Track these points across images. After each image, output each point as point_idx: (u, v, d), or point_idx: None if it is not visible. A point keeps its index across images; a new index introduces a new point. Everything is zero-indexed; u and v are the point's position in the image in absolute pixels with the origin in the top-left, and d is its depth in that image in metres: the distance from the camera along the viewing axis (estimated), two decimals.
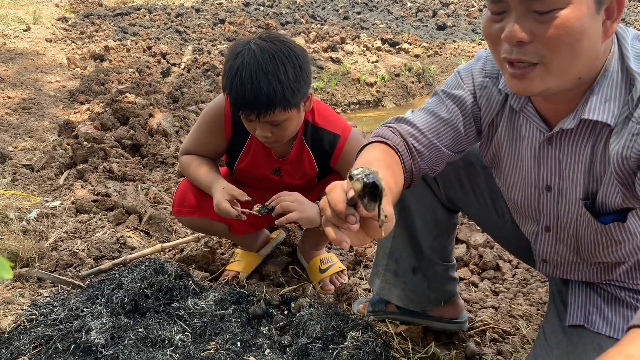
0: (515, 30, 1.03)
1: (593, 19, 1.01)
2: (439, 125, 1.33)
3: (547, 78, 1.06)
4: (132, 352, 1.61)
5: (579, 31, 1.00)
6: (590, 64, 1.07)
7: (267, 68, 1.66)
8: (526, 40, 1.03)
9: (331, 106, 5.81)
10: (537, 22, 1.02)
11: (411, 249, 1.62)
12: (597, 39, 1.04)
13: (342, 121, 2.02)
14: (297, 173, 2.02)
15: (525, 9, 1.02)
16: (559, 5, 0.99)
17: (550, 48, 1.03)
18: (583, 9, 0.99)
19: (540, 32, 1.02)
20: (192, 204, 2.05)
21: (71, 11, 9.79)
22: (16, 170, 3.32)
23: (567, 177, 1.24)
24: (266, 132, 1.78)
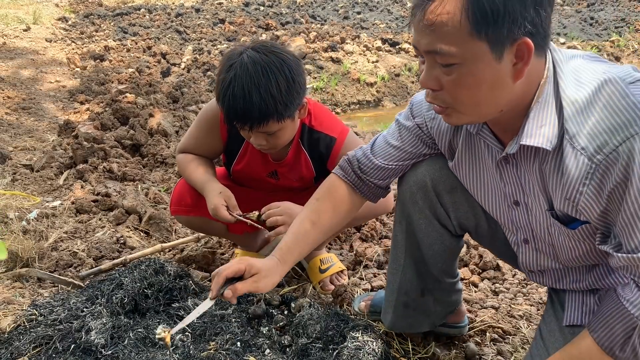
0: (425, 79, 1.15)
1: (493, 69, 1.08)
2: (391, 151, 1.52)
3: (461, 116, 1.18)
4: (132, 352, 1.61)
5: (476, 83, 1.09)
6: (505, 102, 1.14)
7: (259, 82, 1.66)
8: (435, 89, 1.15)
9: (331, 106, 5.81)
10: (443, 72, 1.12)
11: (419, 277, 1.65)
12: (504, 83, 1.10)
13: (339, 124, 2.02)
14: (293, 176, 2.02)
15: (432, 59, 1.12)
16: (456, 61, 1.08)
17: (452, 97, 1.14)
18: (479, 64, 1.07)
19: (444, 82, 1.13)
20: (190, 203, 2.05)
21: (71, 11, 9.79)
22: (16, 170, 3.32)
23: (529, 192, 1.28)
24: (261, 140, 1.79)
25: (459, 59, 1.07)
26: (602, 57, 1.21)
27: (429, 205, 1.54)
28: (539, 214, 1.30)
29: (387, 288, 1.73)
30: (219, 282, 1.38)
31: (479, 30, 1.04)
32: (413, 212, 1.56)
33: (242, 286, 1.39)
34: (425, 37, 1.09)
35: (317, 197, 1.58)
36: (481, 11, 1.02)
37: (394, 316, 1.71)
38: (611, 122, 1.06)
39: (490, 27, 1.03)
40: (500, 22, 1.03)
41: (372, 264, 2.34)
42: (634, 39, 7.65)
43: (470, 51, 1.06)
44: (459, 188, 1.49)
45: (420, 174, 1.52)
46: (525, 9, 1.03)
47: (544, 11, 1.06)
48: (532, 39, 1.06)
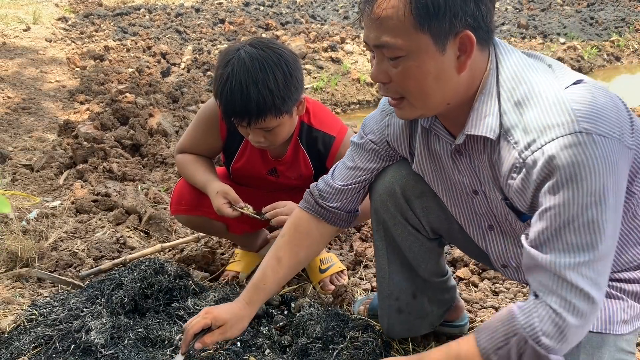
0: (375, 73, 1.22)
1: (436, 61, 1.14)
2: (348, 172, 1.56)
3: (413, 109, 1.23)
4: (132, 352, 1.61)
5: (421, 75, 1.15)
6: (451, 93, 1.19)
7: (257, 77, 1.66)
8: (385, 82, 1.21)
9: (331, 106, 5.81)
10: (391, 65, 1.18)
11: (408, 281, 1.66)
12: (448, 75, 1.16)
13: (338, 122, 2.02)
14: (292, 173, 2.02)
15: (380, 53, 1.18)
16: (402, 53, 1.14)
17: (402, 88, 1.20)
18: (423, 56, 1.13)
19: (392, 75, 1.19)
20: (190, 202, 2.05)
21: (71, 11, 9.78)
22: (16, 170, 3.32)
23: (484, 181, 1.31)
24: (259, 137, 1.80)
25: (404, 52, 1.13)
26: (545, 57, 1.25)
27: (400, 212, 1.56)
28: (497, 202, 1.32)
29: (379, 296, 1.73)
30: (187, 339, 1.47)
31: (422, 23, 1.10)
32: (387, 218, 1.58)
33: (210, 338, 1.48)
34: (373, 32, 1.15)
35: (282, 234, 1.61)
36: (423, 5, 1.08)
37: (390, 323, 1.71)
38: (543, 122, 1.10)
39: (433, 21, 1.09)
40: (441, 16, 1.09)
41: (372, 264, 2.34)
42: (634, 39, 7.64)
43: (415, 44, 1.12)
44: (427, 193, 1.51)
45: (389, 182, 1.54)
46: (465, 3, 1.09)
47: (484, 6, 1.12)
48: (474, 33, 1.12)
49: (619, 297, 1.31)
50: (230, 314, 1.50)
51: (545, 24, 8.39)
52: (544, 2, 10.02)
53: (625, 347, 1.30)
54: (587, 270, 1.08)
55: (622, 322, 1.28)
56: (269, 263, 1.56)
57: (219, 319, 1.48)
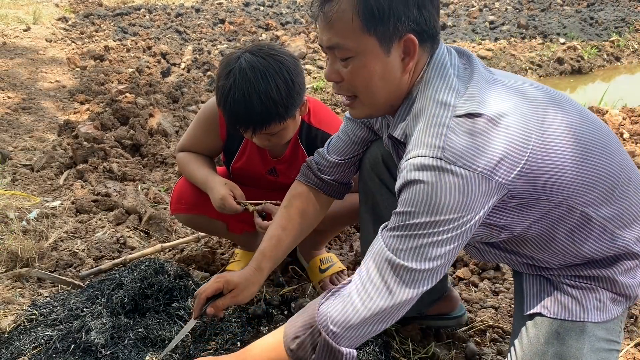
0: (327, 73, 1.30)
1: (382, 62, 1.23)
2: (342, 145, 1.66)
3: (363, 108, 1.34)
4: (132, 352, 1.61)
5: (369, 75, 1.24)
6: (396, 94, 1.29)
7: (259, 87, 1.67)
8: (337, 80, 1.30)
9: (331, 106, 5.81)
10: (342, 65, 1.27)
11: None
12: (393, 75, 1.25)
13: (337, 121, 2.03)
14: (292, 172, 2.03)
15: (333, 55, 1.27)
16: (351, 54, 1.23)
17: (352, 87, 1.29)
18: (370, 57, 1.22)
19: (344, 74, 1.27)
20: (190, 201, 2.06)
21: (71, 11, 9.79)
22: (16, 170, 3.32)
23: None
24: (264, 141, 1.82)
25: (353, 52, 1.22)
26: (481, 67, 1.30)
27: (384, 180, 1.63)
28: None
29: None
30: (200, 302, 1.53)
31: (368, 27, 1.19)
32: (373, 188, 1.66)
33: (222, 302, 1.54)
34: (326, 34, 1.24)
35: (285, 205, 1.70)
36: (369, 10, 1.17)
37: None
38: (420, 139, 1.19)
39: (378, 24, 1.18)
40: (386, 20, 1.18)
41: None
42: (634, 39, 7.64)
43: (362, 45, 1.21)
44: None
45: (374, 151, 1.64)
46: (408, 9, 1.18)
47: (427, 11, 1.20)
48: (417, 36, 1.20)
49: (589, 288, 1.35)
50: (242, 279, 1.56)
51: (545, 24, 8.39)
52: (544, 2, 10.01)
53: (606, 336, 1.33)
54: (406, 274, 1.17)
55: (596, 309, 1.33)
56: (274, 232, 1.64)
57: (231, 283, 1.54)
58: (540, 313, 1.38)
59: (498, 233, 1.32)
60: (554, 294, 1.38)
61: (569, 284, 1.37)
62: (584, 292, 1.35)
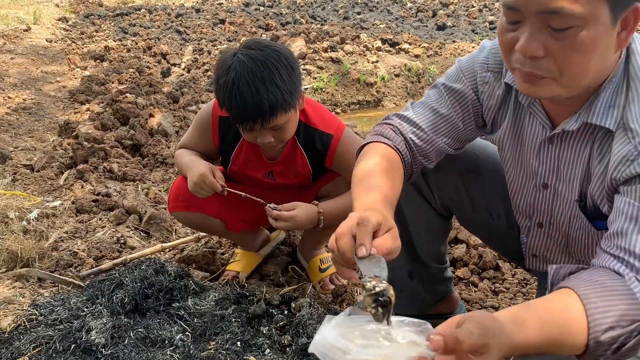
0: (529, 45, 1.03)
1: (607, 34, 1.01)
2: (438, 121, 1.35)
3: (555, 88, 1.07)
4: (132, 352, 1.61)
5: (592, 49, 1.01)
6: (601, 74, 1.08)
7: (263, 75, 1.67)
8: (540, 56, 1.03)
9: (331, 106, 5.81)
10: (552, 37, 1.01)
11: (407, 255, 1.63)
12: (610, 51, 1.04)
13: (335, 120, 2.02)
14: (290, 173, 2.02)
15: (541, 22, 1.01)
16: (576, 23, 0.98)
17: (562, 65, 1.03)
18: (599, 27, 0.99)
19: (554, 48, 1.02)
20: (187, 198, 2.05)
21: (71, 11, 9.79)
22: (16, 170, 3.32)
23: (564, 177, 1.25)
24: (268, 138, 1.79)
25: (580, 21, 0.98)
26: None
27: (414, 182, 1.51)
28: (565, 202, 1.26)
29: None
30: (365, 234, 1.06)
31: None
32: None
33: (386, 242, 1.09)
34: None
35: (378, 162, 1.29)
36: None
37: None
38: None
39: None
40: None
41: None
42: None
43: (594, 12, 0.98)
44: (443, 169, 1.48)
45: None
46: None
47: None
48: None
49: None
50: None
51: None
52: None
53: None
54: None
55: None
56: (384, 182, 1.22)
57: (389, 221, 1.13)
58: None
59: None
60: None
61: None
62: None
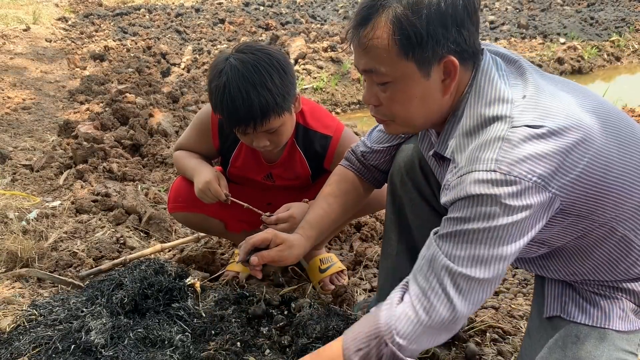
0: (366, 96, 1.29)
1: (422, 85, 1.19)
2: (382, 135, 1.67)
3: (399, 128, 1.33)
4: (132, 352, 1.61)
5: (407, 99, 1.22)
6: (435, 115, 1.26)
7: (254, 79, 1.66)
8: (375, 104, 1.28)
9: (331, 106, 5.81)
10: (379, 89, 1.24)
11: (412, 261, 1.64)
12: (433, 97, 1.22)
13: (334, 121, 2.02)
14: (289, 175, 2.02)
15: (369, 78, 1.24)
16: (389, 79, 1.20)
17: (390, 111, 1.27)
18: (409, 82, 1.19)
19: (382, 98, 1.25)
20: (187, 198, 2.05)
21: (71, 11, 9.79)
22: (16, 170, 3.32)
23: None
24: (264, 141, 1.78)
25: (391, 78, 1.19)
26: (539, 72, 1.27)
27: (417, 186, 1.58)
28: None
29: (381, 275, 1.73)
30: (247, 248, 1.48)
31: (406, 52, 1.15)
32: (403, 192, 1.61)
33: (268, 254, 1.48)
34: (362, 58, 1.21)
35: (329, 183, 1.69)
36: (406, 36, 1.13)
37: None
38: (475, 153, 1.15)
39: (416, 50, 1.14)
40: (424, 45, 1.14)
41: (372, 264, 2.34)
42: (634, 39, 7.64)
43: (400, 71, 1.17)
44: None
45: (410, 154, 1.59)
46: (447, 31, 1.13)
47: (466, 30, 1.15)
48: (457, 57, 1.17)
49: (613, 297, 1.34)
50: (289, 237, 1.54)
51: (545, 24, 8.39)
52: (544, 2, 10.01)
53: (625, 347, 1.31)
54: (463, 282, 1.13)
55: (618, 317, 1.31)
56: (321, 205, 1.62)
57: (279, 237, 1.51)
58: (560, 316, 1.36)
59: (537, 249, 1.31)
60: (576, 299, 1.37)
61: (593, 291, 1.36)
62: (607, 300, 1.33)
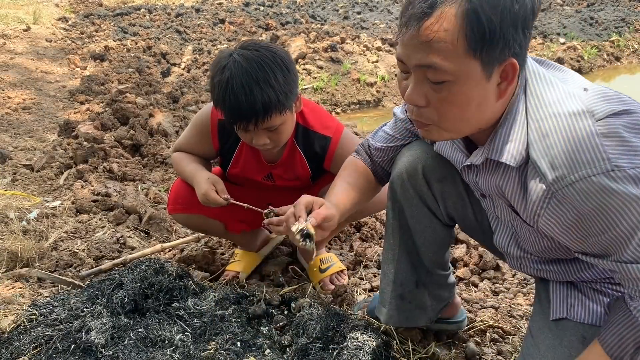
0: (412, 94, 1.16)
1: (482, 88, 1.11)
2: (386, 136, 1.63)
3: (443, 133, 1.21)
4: (132, 352, 1.61)
5: (466, 102, 1.12)
6: (485, 120, 1.17)
7: (257, 76, 1.67)
8: (422, 105, 1.16)
9: (331, 106, 5.81)
10: (431, 89, 1.13)
11: (412, 268, 1.66)
12: (489, 101, 1.14)
13: (333, 122, 2.02)
14: (289, 175, 2.02)
15: (422, 75, 1.12)
16: (449, 78, 1.09)
17: (440, 114, 1.15)
18: (471, 83, 1.09)
19: (433, 99, 1.14)
20: (187, 200, 2.05)
21: (71, 11, 9.79)
22: (16, 170, 3.32)
23: (488, 192, 1.34)
24: (264, 139, 1.78)
25: (452, 76, 1.09)
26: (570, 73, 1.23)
27: (419, 194, 1.56)
28: (503, 207, 1.34)
29: (383, 280, 1.73)
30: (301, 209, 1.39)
31: (475, 49, 1.06)
32: (404, 198, 1.58)
33: (322, 211, 1.40)
34: (419, 52, 1.10)
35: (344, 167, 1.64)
36: (480, 31, 1.05)
37: (390, 309, 1.71)
38: (572, 158, 1.07)
39: (486, 47, 1.06)
40: (495, 43, 1.06)
41: (372, 264, 2.35)
42: (634, 39, 7.65)
43: (465, 69, 1.08)
44: (448, 177, 1.51)
45: (412, 160, 1.53)
46: (516, 32, 1.06)
47: (529, 33, 1.10)
48: (518, 60, 1.10)
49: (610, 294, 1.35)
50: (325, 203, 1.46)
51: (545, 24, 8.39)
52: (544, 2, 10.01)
53: None
54: None
55: None
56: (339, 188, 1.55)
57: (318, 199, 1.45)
58: (567, 318, 1.36)
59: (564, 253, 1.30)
60: (581, 300, 1.37)
61: (598, 290, 1.36)
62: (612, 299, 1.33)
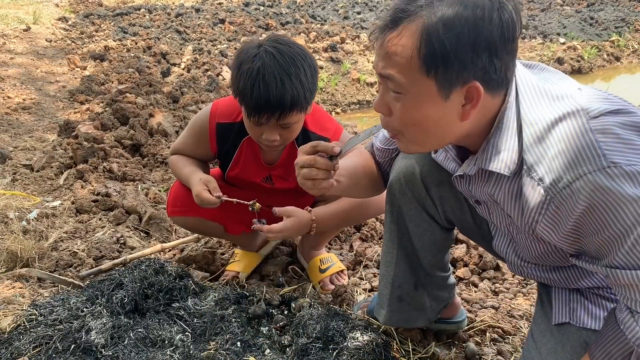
0: (377, 103, 1.20)
1: (439, 107, 1.11)
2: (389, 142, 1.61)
3: (408, 144, 1.23)
4: (132, 352, 1.61)
5: (423, 118, 1.13)
6: (453, 137, 1.18)
7: (290, 70, 1.68)
8: (385, 114, 1.20)
9: (331, 106, 5.81)
10: (393, 98, 1.15)
11: (412, 269, 1.66)
12: (450, 121, 1.14)
13: (333, 123, 2.02)
14: (288, 176, 2.02)
15: (385, 84, 1.16)
16: (403, 90, 1.12)
17: (401, 125, 1.18)
18: (426, 100, 1.11)
19: (394, 108, 1.16)
20: (185, 202, 2.04)
21: (71, 11, 9.79)
22: (16, 170, 3.32)
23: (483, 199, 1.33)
24: (274, 135, 1.78)
25: (406, 90, 1.11)
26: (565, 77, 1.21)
27: (417, 197, 1.56)
28: (498, 214, 1.34)
29: (381, 282, 1.73)
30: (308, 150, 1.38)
31: (428, 68, 1.07)
32: (402, 202, 1.58)
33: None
34: (382, 61, 1.13)
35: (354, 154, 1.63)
36: (431, 52, 1.05)
37: (389, 310, 1.71)
38: (568, 158, 1.06)
39: (439, 68, 1.06)
40: (449, 65, 1.05)
41: (372, 264, 2.35)
42: (634, 39, 7.65)
43: (417, 86, 1.10)
44: (446, 182, 1.50)
45: (411, 164, 1.54)
46: (477, 57, 1.05)
47: (500, 60, 1.07)
48: (483, 84, 1.08)
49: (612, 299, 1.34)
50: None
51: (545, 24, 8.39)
52: (544, 2, 10.02)
53: None
54: None
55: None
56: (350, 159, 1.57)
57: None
58: (570, 323, 1.36)
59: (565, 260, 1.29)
60: (584, 304, 1.36)
61: (601, 295, 1.36)
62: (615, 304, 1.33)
